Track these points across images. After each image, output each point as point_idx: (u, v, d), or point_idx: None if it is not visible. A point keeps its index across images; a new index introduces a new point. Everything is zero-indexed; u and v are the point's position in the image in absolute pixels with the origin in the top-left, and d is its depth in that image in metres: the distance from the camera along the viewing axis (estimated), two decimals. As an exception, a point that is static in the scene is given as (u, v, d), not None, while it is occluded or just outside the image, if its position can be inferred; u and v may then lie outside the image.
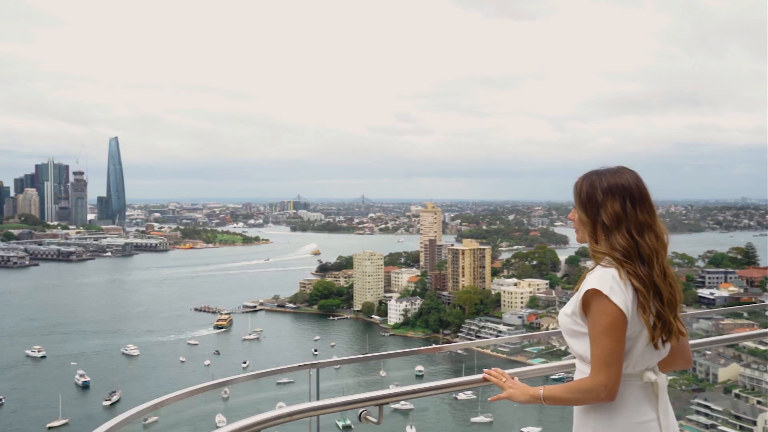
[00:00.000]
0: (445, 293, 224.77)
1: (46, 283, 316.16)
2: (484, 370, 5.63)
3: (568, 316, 4.77)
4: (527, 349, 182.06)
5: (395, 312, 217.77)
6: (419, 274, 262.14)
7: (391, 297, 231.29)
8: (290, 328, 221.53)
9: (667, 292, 4.48)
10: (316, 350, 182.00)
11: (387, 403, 5.76)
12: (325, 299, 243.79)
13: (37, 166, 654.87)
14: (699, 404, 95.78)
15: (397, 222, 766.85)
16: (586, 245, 5.22)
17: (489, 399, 5.69)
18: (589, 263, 5.13)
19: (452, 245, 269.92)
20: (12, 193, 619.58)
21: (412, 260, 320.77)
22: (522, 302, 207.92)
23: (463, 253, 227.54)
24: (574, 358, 5.00)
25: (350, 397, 5.73)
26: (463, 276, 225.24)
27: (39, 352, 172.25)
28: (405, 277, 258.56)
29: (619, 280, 4.44)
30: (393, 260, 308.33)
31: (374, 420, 5.86)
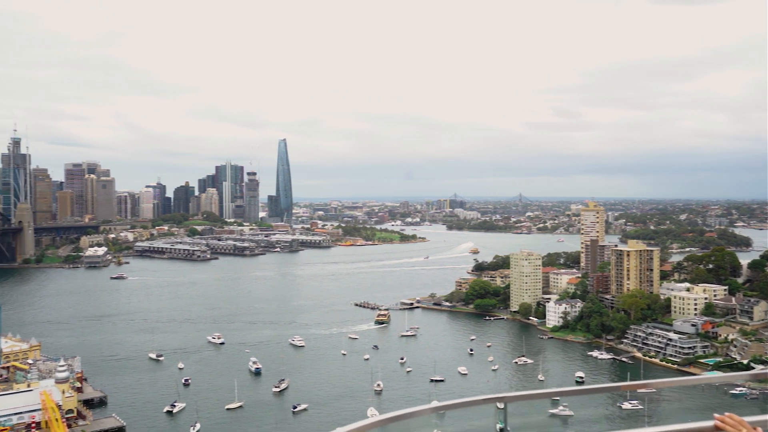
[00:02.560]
0: (608, 296, 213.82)
1: (225, 276, 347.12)
2: (715, 416, 4.53)
3: None
4: (702, 360, 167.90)
5: (554, 314, 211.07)
6: (580, 275, 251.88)
7: (549, 298, 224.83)
8: (446, 327, 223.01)
9: None
10: (471, 350, 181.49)
11: None
12: (481, 299, 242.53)
13: (216, 168, 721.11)
14: None
15: (556, 221, 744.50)
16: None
17: None
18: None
19: (616, 246, 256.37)
20: (196, 193, 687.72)
21: (572, 261, 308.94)
22: (696, 309, 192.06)
23: (628, 255, 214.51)
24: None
25: None
26: (628, 279, 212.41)
27: (218, 339, 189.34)
28: (564, 278, 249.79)
29: None
30: (552, 260, 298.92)
31: None
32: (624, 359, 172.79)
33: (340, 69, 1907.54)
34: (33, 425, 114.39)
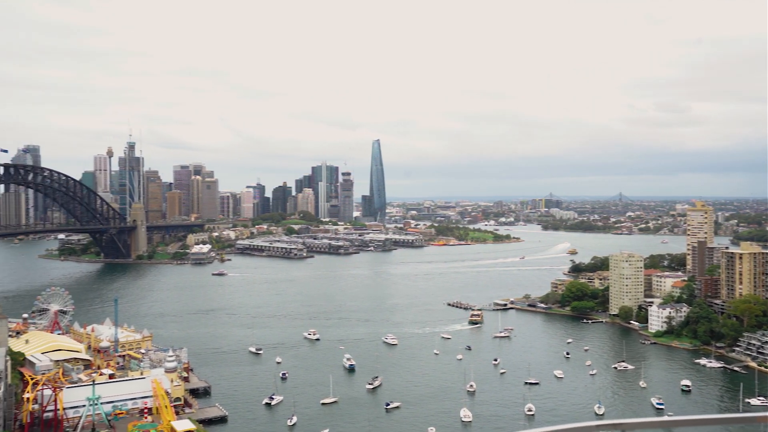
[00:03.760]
0: (717, 301, 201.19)
1: (320, 274, 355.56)
2: None
3: None
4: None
5: (657, 319, 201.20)
6: (686, 278, 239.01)
7: (652, 302, 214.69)
8: (541, 329, 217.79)
9: None
10: (567, 353, 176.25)
11: None
12: (578, 301, 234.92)
13: (313, 168, 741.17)
14: None
15: (659, 221, 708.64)
16: None
17: None
18: None
19: (727, 248, 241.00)
20: (293, 193, 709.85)
21: (677, 263, 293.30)
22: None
23: (740, 258, 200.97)
24: None
25: None
26: (741, 283, 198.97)
27: (314, 335, 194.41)
28: (669, 281, 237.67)
29: None
30: (654, 263, 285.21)
31: None
32: (736, 368, 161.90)
33: (433, 69, 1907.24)
34: (145, 410, 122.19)
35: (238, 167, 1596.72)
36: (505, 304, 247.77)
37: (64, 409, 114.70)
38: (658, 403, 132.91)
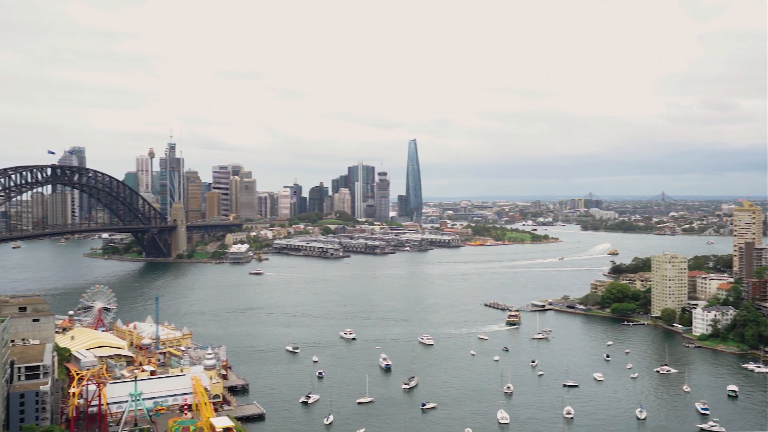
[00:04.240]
0: (765, 304, 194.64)
1: (357, 273, 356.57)
2: None
3: None
4: None
5: (702, 322, 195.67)
6: (732, 280, 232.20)
7: (696, 304, 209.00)
8: (580, 331, 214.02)
9: None
10: (608, 356, 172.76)
11: None
12: (618, 302, 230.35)
13: (349, 168, 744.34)
14: None
15: (704, 222, 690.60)
16: None
17: None
18: None
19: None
20: (330, 193, 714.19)
21: (723, 265, 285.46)
22: None
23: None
24: None
25: None
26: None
27: (350, 334, 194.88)
28: (714, 283, 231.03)
29: None
30: (699, 264, 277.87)
31: None
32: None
33: (469, 68, 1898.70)
34: (185, 407, 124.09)
35: (276, 167, 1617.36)
36: (543, 305, 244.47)
37: (107, 404, 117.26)
38: (702, 409, 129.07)
